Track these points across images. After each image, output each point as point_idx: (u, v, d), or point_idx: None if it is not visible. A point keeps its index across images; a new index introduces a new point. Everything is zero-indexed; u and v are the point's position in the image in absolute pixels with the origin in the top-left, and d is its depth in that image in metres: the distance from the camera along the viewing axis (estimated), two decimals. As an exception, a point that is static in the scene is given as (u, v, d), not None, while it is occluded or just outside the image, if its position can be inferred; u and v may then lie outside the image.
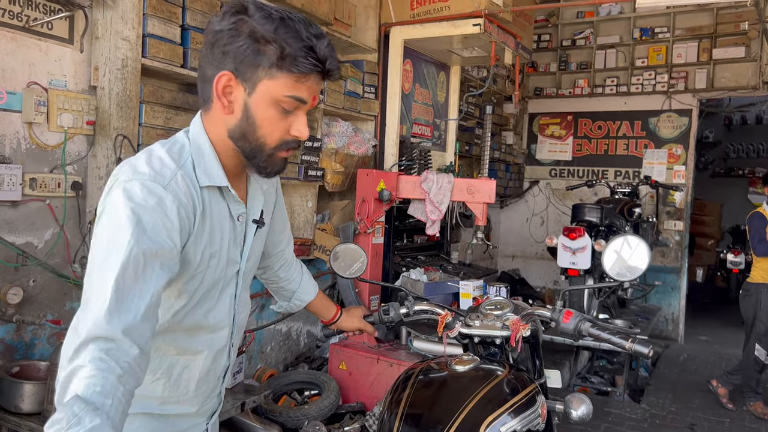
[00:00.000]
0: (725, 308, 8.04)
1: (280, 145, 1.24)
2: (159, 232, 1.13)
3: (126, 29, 2.71)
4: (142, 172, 1.16)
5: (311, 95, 1.22)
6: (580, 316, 1.64)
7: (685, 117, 6.90)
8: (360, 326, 1.94)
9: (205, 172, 1.24)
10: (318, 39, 1.17)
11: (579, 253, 4.40)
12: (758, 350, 4.55)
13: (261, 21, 1.16)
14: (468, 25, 4.11)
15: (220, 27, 1.18)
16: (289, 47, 1.15)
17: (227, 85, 1.19)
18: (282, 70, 1.16)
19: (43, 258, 2.66)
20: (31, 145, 2.61)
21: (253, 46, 1.15)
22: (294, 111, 1.21)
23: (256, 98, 1.19)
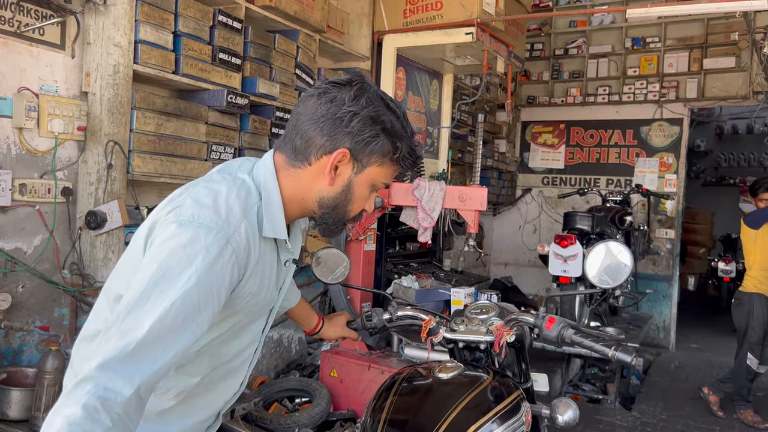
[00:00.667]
0: (716, 316, 8.07)
1: (356, 216, 1.36)
2: (210, 290, 1.11)
3: (118, 35, 2.71)
4: (207, 215, 1.14)
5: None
6: (563, 323, 1.62)
7: (676, 126, 6.94)
8: (343, 334, 1.94)
9: (272, 225, 1.26)
10: (414, 137, 1.32)
11: (570, 261, 4.41)
12: (750, 359, 4.57)
13: (388, 113, 1.25)
14: (460, 34, 4.14)
15: (352, 108, 1.22)
16: (404, 146, 1.28)
17: (341, 161, 1.25)
18: (393, 162, 1.29)
19: (32, 264, 2.65)
20: (21, 150, 2.60)
21: (384, 140, 1.25)
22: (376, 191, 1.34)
23: (361, 178, 1.28)
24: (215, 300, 1.13)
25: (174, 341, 1.07)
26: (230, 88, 3.24)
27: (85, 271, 2.77)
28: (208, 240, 1.12)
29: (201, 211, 1.15)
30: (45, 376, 2.45)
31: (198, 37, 3.08)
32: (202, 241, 1.11)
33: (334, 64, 4.50)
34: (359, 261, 3.89)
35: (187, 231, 1.11)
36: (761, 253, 4.58)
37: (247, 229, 1.19)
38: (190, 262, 1.09)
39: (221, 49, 3.20)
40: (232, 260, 1.15)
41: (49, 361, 2.47)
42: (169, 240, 1.11)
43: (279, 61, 3.59)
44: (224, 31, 3.22)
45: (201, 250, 1.10)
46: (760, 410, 4.70)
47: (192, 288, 1.08)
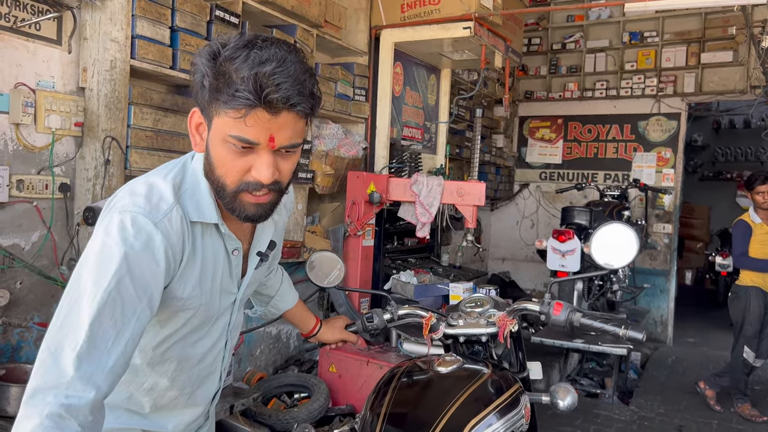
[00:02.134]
0: (713, 311, 8.10)
1: (240, 186, 1.13)
2: (143, 275, 1.08)
3: (115, 30, 2.70)
4: (138, 204, 1.12)
5: (263, 135, 1.06)
6: (570, 307, 1.63)
7: (673, 120, 6.95)
8: (342, 337, 1.89)
9: (197, 208, 1.19)
10: (265, 64, 1.02)
11: (568, 256, 4.42)
12: (747, 352, 4.59)
13: (226, 51, 1.06)
14: (458, 28, 4.13)
15: (195, 60, 1.12)
16: (232, 77, 1.03)
17: (199, 123, 1.15)
18: (226, 106, 1.05)
19: (30, 260, 2.64)
20: (18, 146, 2.59)
21: (203, 78, 1.07)
22: (247, 151, 1.09)
23: (212, 136, 1.11)
24: (153, 285, 1.10)
25: (120, 332, 1.03)
26: (228, 84, 3.22)
27: (83, 267, 2.76)
28: (137, 227, 1.09)
29: (132, 200, 1.12)
30: (43, 372, 2.44)
31: (195, 32, 3.07)
32: (130, 229, 1.08)
33: (332, 59, 4.49)
34: (357, 256, 3.89)
35: (117, 221, 1.09)
36: (757, 248, 4.59)
37: (178, 212, 1.15)
38: (120, 251, 1.06)
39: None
40: (163, 245, 1.11)
41: (48, 357, 2.47)
42: (100, 231, 1.10)
43: (276, 56, 3.57)
44: (221, 26, 3.21)
45: (130, 238, 1.08)
46: (757, 404, 4.72)
47: (125, 276, 1.05)
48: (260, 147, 1.08)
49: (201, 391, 1.39)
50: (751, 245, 4.61)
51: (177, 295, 1.20)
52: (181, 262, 1.17)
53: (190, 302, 1.22)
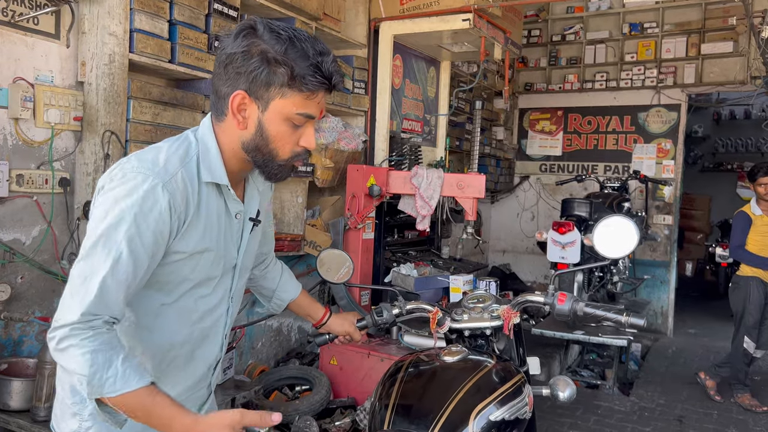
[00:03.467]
0: (714, 302, 8.10)
1: (292, 156, 1.33)
2: (151, 231, 1.22)
3: (113, 24, 2.70)
4: (146, 166, 1.24)
5: (319, 110, 1.31)
6: (573, 298, 1.69)
7: (674, 112, 6.93)
8: (350, 330, 1.91)
9: (209, 169, 1.32)
10: (323, 56, 1.26)
11: (569, 248, 4.42)
12: (747, 343, 4.60)
13: (271, 42, 1.23)
14: (457, 21, 4.12)
15: (233, 49, 1.25)
16: (298, 68, 1.23)
17: (242, 103, 1.28)
18: (293, 89, 1.25)
19: (31, 255, 2.65)
20: (17, 141, 2.59)
21: (266, 68, 1.24)
22: (303, 124, 1.30)
23: (269, 115, 1.28)
24: (160, 242, 1.24)
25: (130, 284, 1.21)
26: (227, 77, 3.22)
27: (83, 261, 2.76)
28: (146, 186, 1.21)
29: (140, 163, 1.25)
30: (45, 366, 2.45)
31: (194, 25, 3.06)
32: (139, 189, 1.21)
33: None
34: (358, 249, 3.89)
35: (127, 181, 1.22)
36: (757, 239, 4.60)
37: (184, 176, 1.28)
38: (130, 210, 1.20)
39: (217, 38, 3.18)
40: (170, 204, 1.24)
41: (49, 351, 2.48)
42: (113, 190, 1.22)
43: (275, 49, 3.57)
44: (220, 20, 3.20)
45: (139, 198, 1.21)
46: (757, 394, 4.74)
47: (135, 235, 1.20)
48: (309, 122, 1.31)
49: (201, 351, 1.45)
50: (750, 236, 4.61)
51: (179, 250, 1.30)
52: (186, 220, 1.29)
53: (193, 258, 1.33)
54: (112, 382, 1.14)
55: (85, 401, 1.28)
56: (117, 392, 1.14)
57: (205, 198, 1.33)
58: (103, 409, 1.19)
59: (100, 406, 1.18)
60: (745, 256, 4.61)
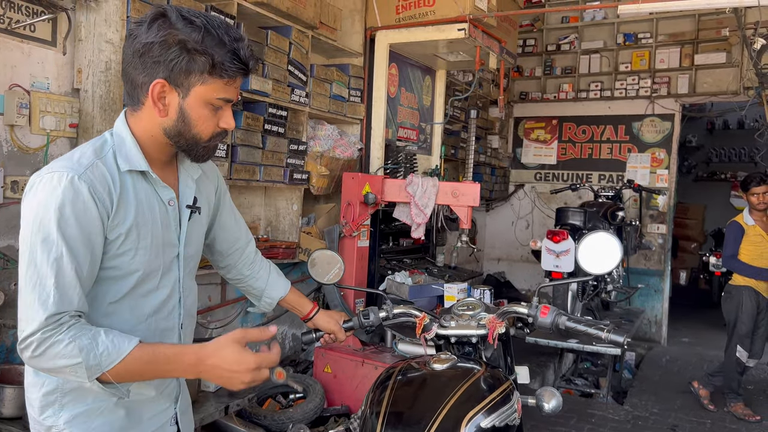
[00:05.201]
0: (708, 310, 8.13)
1: (213, 137, 1.38)
2: (81, 221, 1.24)
3: (109, 32, 2.70)
4: (61, 164, 1.27)
5: (235, 93, 1.37)
6: (556, 311, 1.68)
7: (667, 121, 6.98)
8: (335, 329, 1.92)
9: (126, 158, 1.34)
10: (239, 42, 1.31)
11: (563, 256, 4.43)
12: (740, 352, 4.61)
13: (187, 31, 1.27)
14: (453, 30, 4.14)
15: (148, 39, 1.27)
16: (217, 56, 1.28)
17: (161, 91, 1.31)
18: (213, 76, 1.30)
19: (25, 261, 2.64)
20: (12, 147, 2.59)
21: (186, 57, 1.27)
22: (222, 107, 1.36)
23: (190, 102, 1.32)
24: (93, 227, 1.26)
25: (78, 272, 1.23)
26: (223, 85, 3.23)
27: (78, 268, 2.76)
28: (64, 182, 1.23)
29: (56, 164, 1.28)
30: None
31: (190, 33, 3.07)
32: (57, 187, 1.23)
33: (327, 60, 4.50)
34: (353, 257, 3.90)
35: (45, 183, 1.24)
36: (750, 249, 4.62)
37: (100, 166, 1.30)
38: (56, 206, 1.22)
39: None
40: (90, 192, 1.26)
41: (43, 358, 2.47)
42: (35, 195, 1.25)
43: (271, 57, 3.58)
44: (216, 28, 3.21)
45: (59, 195, 1.23)
46: (750, 403, 4.75)
47: (66, 229, 1.22)
48: (229, 104, 1.37)
49: None
50: (743, 246, 4.64)
51: (113, 238, 1.31)
52: (113, 206, 1.30)
53: (127, 245, 1.34)
54: (107, 354, 1.18)
55: (59, 411, 1.33)
56: (115, 362, 1.19)
57: (131, 186, 1.34)
58: (107, 386, 1.22)
59: (104, 384, 1.22)
60: (738, 265, 4.64)
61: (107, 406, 1.36)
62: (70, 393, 1.33)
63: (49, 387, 1.34)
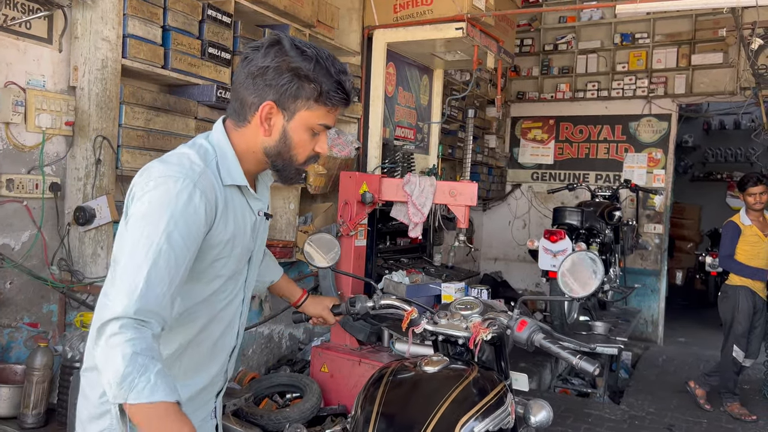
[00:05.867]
0: (704, 310, 8.14)
1: (307, 160, 1.48)
2: (189, 224, 1.30)
3: (106, 29, 2.69)
4: (175, 170, 1.32)
5: (334, 121, 1.47)
6: (534, 327, 1.63)
7: (664, 121, 6.99)
8: (322, 314, 2.01)
9: (229, 173, 1.43)
10: (344, 75, 1.43)
11: (560, 256, 4.43)
12: (736, 351, 4.62)
13: (299, 59, 1.37)
14: (450, 29, 4.13)
15: (265, 63, 1.37)
16: (324, 85, 1.38)
17: (270, 112, 1.40)
18: (318, 103, 1.40)
19: (20, 260, 2.63)
20: (8, 145, 2.58)
21: (296, 83, 1.37)
22: (319, 133, 1.46)
23: (293, 125, 1.41)
24: (196, 236, 1.32)
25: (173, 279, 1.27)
26: (220, 83, 3.22)
27: (73, 267, 2.75)
28: (178, 187, 1.29)
29: (167, 167, 1.33)
30: (34, 372, 2.43)
31: (187, 31, 3.06)
32: (172, 189, 1.29)
33: (324, 59, 4.49)
34: (350, 256, 3.88)
35: (159, 185, 1.30)
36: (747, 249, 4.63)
37: (209, 175, 1.37)
38: (166, 210, 1.27)
39: (210, 44, 3.18)
40: (203, 200, 1.33)
41: (38, 357, 2.46)
42: (146, 195, 1.29)
43: (269, 55, 3.57)
44: (213, 26, 3.20)
45: (173, 198, 1.28)
46: (746, 403, 4.76)
47: (173, 231, 1.27)
48: (326, 130, 1.47)
49: (222, 340, 1.54)
50: (740, 246, 4.64)
51: (213, 245, 1.39)
52: (216, 216, 1.38)
53: (223, 254, 1.42)
54: (141, 388, 1.16)
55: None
56: (141, 400, 1.16)
57: (230, 198, 1.43)
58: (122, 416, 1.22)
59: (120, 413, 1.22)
60: (734, 265, 4.65)
61: None
62: None
63: None
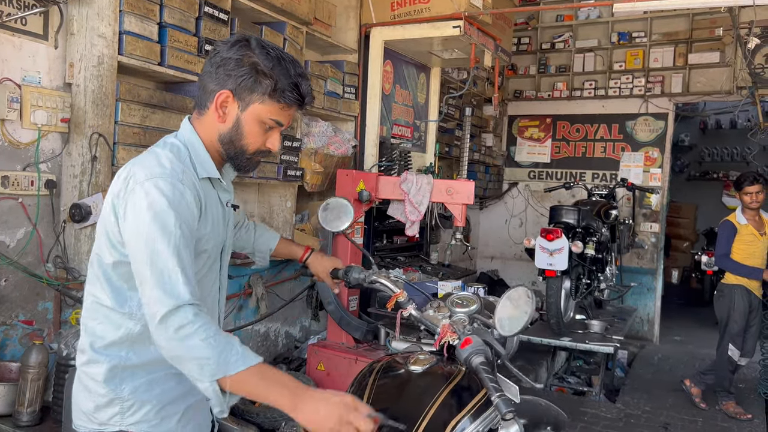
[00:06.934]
0: (699, 309, 8.16)
1: (256, 152, 1.56)
2: (188, 218, 1.40)
3: (102, 26, 2.68)
4: (159, 171, 1.40)
5: (287, 120, 1.54)
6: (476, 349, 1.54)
7: (661, 120, 7.00)
8: (322, 277, 2.09)
9: (202, 166, 1.52)
10: (302, 78, 1.51)
11: (556, 255, 4.44)
12: (731, 350, 4.63)
13: (262, 57, 1.46)
14: (448, 27, 4.13)
15: (228, 55, 1.47)
16: (280, 83, 1.47)
17: (225, 100, 1.49)
18: (272, 99, 1.48)
19: (15, 257, 2.62)
20: (3, 142, 2.57)
21: (254, 77, 1.46)
22: (272, 129, 1.53)
23: (246, 115, 1.50)
24: (194, 226, 1.43)
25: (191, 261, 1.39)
26: (216, 81, 3.21)
27: (69, 264, 2.74)
28: (167, 187, 1.38)
29: (150, 170, 1.40)
30: (29, 370, 2.43)
31: (184, 28, 3.05)
32: (165, 189, 1.37)
33: (321, 56, 4.48)
34: (346, 254, 3.88)
35: (149, 188, 1.37)
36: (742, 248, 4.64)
37: (187, 172, 1.46)
38: (170, 208, 1.36)
39: (207, 41, 3.17)
40: (191, 196, 1.42)
41: (33, 355, 2.45)
42: (142, 201, 1.36)
43: (266, 53, 3.56)
44: (210, 23, 3.19)
45: (169, 195, 1.37)
46: (741, 401, 4.77)
47: (182, 224, 1.37)
48: (277, 128, 1.54)
49: None
50: (736, 246, 4.66)
51: (201, 235, 1.48)
52: (200, 208, 1.47)
53: (205, 245, 1.51)
54: (235, 361, 1.29)
55: (122, 384, 1.45)
56: (239, 368, 1.29)
57: (206, 191, 1.51)
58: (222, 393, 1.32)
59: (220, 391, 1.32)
60: (730, 264, 4.66)
61: (160, 376, 1.49)
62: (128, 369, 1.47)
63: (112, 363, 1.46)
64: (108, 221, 1.44)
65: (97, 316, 1.48)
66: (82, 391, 1.50)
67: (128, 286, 1.44)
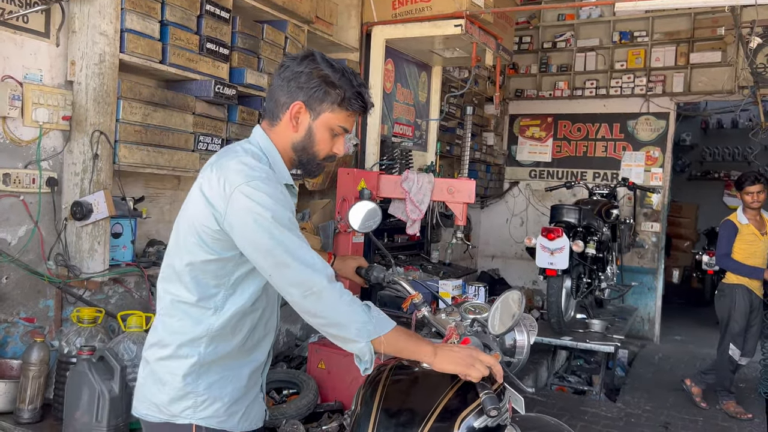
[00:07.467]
0: (700, 309, 8.16)
1: (326, 158, 1.70)
2: (292, 213, 1.55)
3: (104, 24, 2.68)
4: (257, 174, 1.51)
5: (352, 126, 1.70)
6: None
7: (662, 120, 6.99)
8: (348, 276, 2.16)
9: (281, 173, 1.64)
10: (364, 88, 1.66)
11: (557, 254, 4.44)
12: (732, 350, 4.63)
13: (329, 70, 1.60)
14: (449, 26, 4.13)
15: (298, 69, 1.61)
16: (347, 92, 1.62)
17: (298, 111, 1.62)
18: (341, 107, 1.62)
19: (17, 255, 2.62)
20: (5, 139, 2.57)
21: (324, 88, 1.60)
22: (338, 135, 1.67)
23: (318, 124, 1.64)
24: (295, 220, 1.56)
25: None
26: (218, 79, 3.21)
27: (70, 262, 2.74)
28: (270, 187, 1.50)
29: (246, 174, 1.50)
30: (30, 367, 2.43)
31: (185, 26, 3.05)
32: (267, 188, 1.49)
33: (323, 55, 4.47)
34: (347, 253, 3.88)
35: (258, 186, 1.48)
36: (743, 248, 4.64)
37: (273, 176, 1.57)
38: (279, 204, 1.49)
39: (209, 39, 3.17)
40: (287, 194, 1.58)
41: (34, 352, 2.45)
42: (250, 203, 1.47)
43: (267, 51, 3.56)
44: (212, 21, 3.19)
45: (274, 193, 1.50)
46: (742, 401, 4.77)
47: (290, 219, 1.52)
48: (343, 134, 1.68)
49: (272, 320, 1.76)
50: (737, 245, 4.65)
51: None
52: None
53: None
54: (384, 325, 1.50)
55: (198, 379, 1.56)
56: (387, 329, 1.49)
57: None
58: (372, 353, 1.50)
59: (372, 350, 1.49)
60: (731, 264, 4.65)
61: (233, 375, 1.62)
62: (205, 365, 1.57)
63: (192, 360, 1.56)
64: (198, 223, 1.53)
65: (176, 313, 1.58)
66: (156, 384, 1.59)
67: (215, 283, 1.55)
